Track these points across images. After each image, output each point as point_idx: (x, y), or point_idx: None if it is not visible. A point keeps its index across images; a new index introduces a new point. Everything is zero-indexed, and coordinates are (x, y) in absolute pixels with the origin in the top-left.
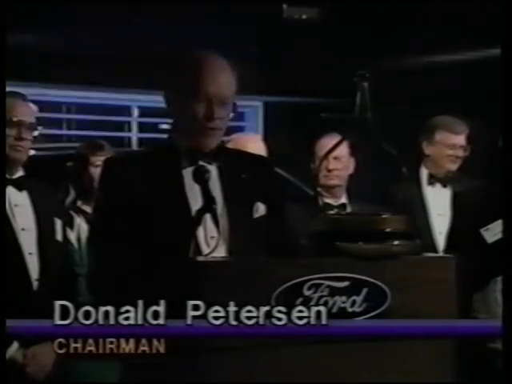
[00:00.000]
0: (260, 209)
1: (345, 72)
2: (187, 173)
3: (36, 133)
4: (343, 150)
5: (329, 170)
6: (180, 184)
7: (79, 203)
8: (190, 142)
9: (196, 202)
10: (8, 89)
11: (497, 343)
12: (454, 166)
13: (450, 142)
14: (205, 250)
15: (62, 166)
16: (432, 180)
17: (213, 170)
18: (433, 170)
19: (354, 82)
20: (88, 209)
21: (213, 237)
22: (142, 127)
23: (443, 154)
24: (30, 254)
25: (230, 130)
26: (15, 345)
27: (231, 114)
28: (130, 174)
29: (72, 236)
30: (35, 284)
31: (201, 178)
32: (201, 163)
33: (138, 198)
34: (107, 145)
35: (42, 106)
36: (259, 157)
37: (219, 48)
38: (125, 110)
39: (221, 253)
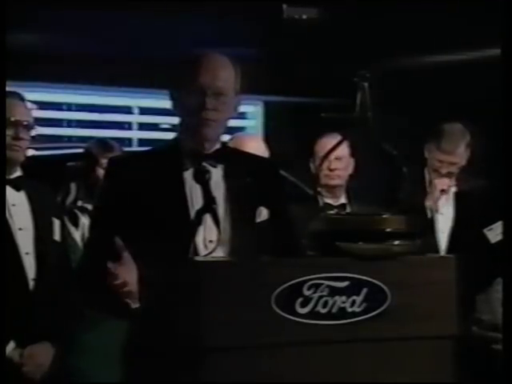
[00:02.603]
0: (263, 213)
1: (345, 72)
2: (189, 174)
3: (33, 132)
4: (344, 149)
5: (331, 170)
6: (181, 186)
7: (80, 203)
8: (191, 138)
9: (196, 204)
10: (7, 89)
11: (498, 345)
12: (442, 182)
13: (438, 158)
14: (202, 252)
15: (61, 166)
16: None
17: (217, 171)
18: (432, 175)
19: (354, 82)
20: None
21: (211, 241)
22: (143, 127)
23: (432, 166)
24: (27, 253)
25: (230, 130)
26: (12, 344)
27: (232, 110)
28: (133, 174)
29: (77, 235)
30: (31, 284)
31: (201, 178)
32: (204, 164)
33: (139, 198)
34: (117, 146)
35: (42, 106)
36: (265, 160)
37: (219, 48)
38: (125, 110)
39: (219, 254)
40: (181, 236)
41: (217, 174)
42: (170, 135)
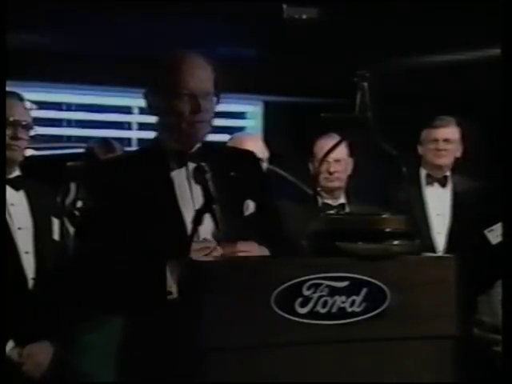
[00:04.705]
0: (250, 206)
1: (345, 72)
2: (177, 174)
3: (32, 132)
4: (342, 151)
5: (330, 173)
6: (170, 186)
7: (79, 203)
8: (178, 139)
9: (186, 203)
10: (7, 89)
11: (499, 346)
12: (439, 160)
13: (432, 137)
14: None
15: (61, 166)
16: (430, 180)
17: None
18: (428, 170)
19: (354, 82)
20: None
21: (205, 239)
22: (143, 127)
23: (428, 150)
24: (26, 253)
25: (230, 130)
26: (11, 343)
27: (216, 107)
28: (119, 178)
29: None
30: (31, 283)
31: (201, 177)
32: (190, 164)
33: (128, 202)
34: (119, 145)
35: (42, 106)
36: (246, 152)
37: (219, 48)
38: (125, 110)
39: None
40: (176, 236)
41: None
42: None
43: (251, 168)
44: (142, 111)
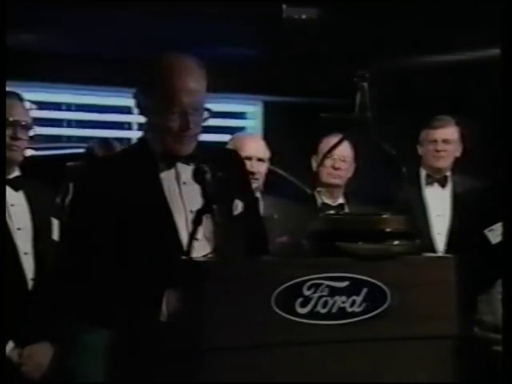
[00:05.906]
0: (239, 206)
1: (345, 72)
2: (166, 175)
3: (32, 132)
4: (349, 151)
5: (335, 169)
6: (159, 188)
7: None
8: (165, 147)
9: (176, 205)
10: (7, 89)
11: (500, 346)
12: (440, 163)
13: (431, 138)
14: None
15: (61, 166)
16: (429, 180)
17: (191, 170)
18: (428, 170)
19: (354, 82)
20: None
21: (196, 238)
22: (143, 127)
23: (427, 151)
24: (26, 253)
25: (230, 130)
26: (11, 344)
27: (205, 116)
28: (109, 181)
29: None
30: (30, 284)
31: (201, 178)
32: (179, 164)
33: (117, 204)
34: (119, 145)
35: (42, 106)
36: (230, 152)
37: (219, 48)
38: (125, 110)
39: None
40: (167, 237)
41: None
42: None
43: (236, 167)
44: None
